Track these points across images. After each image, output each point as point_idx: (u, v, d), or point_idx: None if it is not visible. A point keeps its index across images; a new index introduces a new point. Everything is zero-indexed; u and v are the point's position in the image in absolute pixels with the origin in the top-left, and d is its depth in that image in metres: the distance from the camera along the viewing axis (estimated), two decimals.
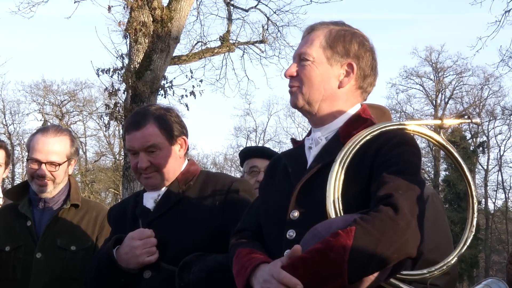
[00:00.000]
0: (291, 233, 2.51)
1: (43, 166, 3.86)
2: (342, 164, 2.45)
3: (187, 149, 3.37)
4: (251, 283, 2.43)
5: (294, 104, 2.67)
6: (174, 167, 3.28)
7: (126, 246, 3.14)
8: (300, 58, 2.66)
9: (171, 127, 3.26)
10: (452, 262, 2.55)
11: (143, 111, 3.33)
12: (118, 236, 3.25)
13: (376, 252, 2.23)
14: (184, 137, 3.31)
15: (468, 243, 2.59)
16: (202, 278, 2.94)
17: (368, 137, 2.51)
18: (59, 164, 3.89)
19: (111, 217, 3.56)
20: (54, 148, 3.88)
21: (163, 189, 3.29)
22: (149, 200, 3.30)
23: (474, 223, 2.64)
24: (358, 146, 2.49)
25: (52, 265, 3.80)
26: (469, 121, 2.73)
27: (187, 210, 3.21)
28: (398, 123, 2.63)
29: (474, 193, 2.70)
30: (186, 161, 3.39)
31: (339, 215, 2.39)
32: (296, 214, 2.53)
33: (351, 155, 2.47)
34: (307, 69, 2.63)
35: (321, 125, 2.68)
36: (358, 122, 2.64)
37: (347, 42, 2.67)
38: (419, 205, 2.36)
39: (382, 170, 2.43)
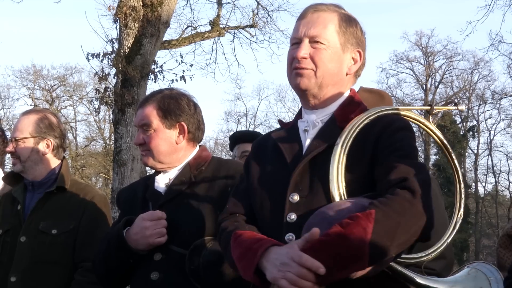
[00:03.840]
0: (292, 216, 2.48)
1: (10, 142, 3.94)
2: (343, 147, 2.47)
3: (193, 137, 3.37)
4: (261, 266, 2.35)
5: (304, 86, 2.60)
6: (168, 151, 3.30)
7: (136, 227, 3.17)
8: (312, 40, 2.61)
9: (170, 111, 3.29)
10: (445, 245, 2.58)
11: (155, 92, 3.42)
12: (128, 218, 3.27)
13: (396, 235, 2.25)
14: (184, 123, 3.31)
15: (457, 227, 2.64)
16: (212, 262, 2.98)
17: (366, 121, 2.53)
18: (17, 139, 3.92)
19: (120, 199, 3.58)
20: (19, 125, 3.96)
21: (175, 173, 3.32)
22: (161, 183, 3.33)
23: (462, 207, 2.69)
24: (357, 130, 2.50)
25: (34, 249, 3.82)
26: (455, 108, 2.84)
27: (198, 194, 3.24)
28: (393, 108, 2.67)
29: (461, 179, 2.75)
30: (198, 147, 3.42)
31: (343, 198, 2.41)
32: (296, 197, 2.50)
33: (351, 139, 2.49)
34: (323, 53, 2.60)
35: (317, 108, 2.67)
36: (352, 106, 2.66)
37: (355, 29, 2.69)
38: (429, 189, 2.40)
39: (388, 154, 2.45)
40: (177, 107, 3.30)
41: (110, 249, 3.24)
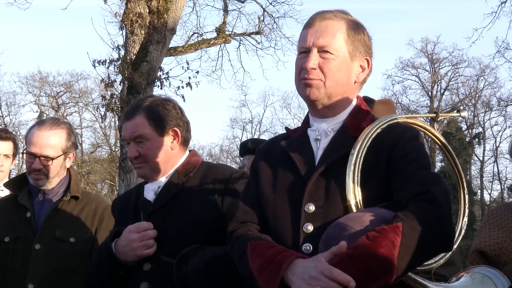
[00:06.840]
0: (308, 227, 2.47)
1: (37, 159, 3.88)
2: (359, 156, 2.47)
3: (185, 140, 3.34)
4: (285, 279, 2.31)
5: (314, 97, 2.59)
6: (165, 159, 3.27)
7: (124, 239, 3.15)
8: (321, 50, 2.59)
9: (161, 118, 3.25)
10: (451, 251, 2.56)
11: (137, 102, 3.34)
12: (117, 229, 3.26)
13: (423, 248, 2.26)
14: (176, 128, 3.29)
15: (462, 234, 2.68)
16: (199, 270, 2.92)
17: (378, 130, 2.54)
18: (53, 158, 3.91)
19: (115, 208, 3.56)
20: (49, 142, 3.90)
21: (163, 180, 3.29)
22: (150, 192, 3.30)
23: (467, 214, 2.74)
24: (371, 139, 2.51)
25: (50, 256, 3.82)
26: (458, 114, 2.90)
27: (187, 202, 3.21)
28: (399, 115, 2.67)
29: (465, 185, 2.79)
30: (187, 152, 3.39)
31: (359, 207, 2.41)
32: (311, 207, 2.49)
33: (366, 148, 2.49)
34: (333, 64, 2.58)
35: (327, 116, 2.66)
36: (362, 114, 2.66)
37: (363, 36, 2.67)
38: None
39: (405, 164, 2.45)
40: (167, 113, 3.27)
41: (101, 261, 3.24)
